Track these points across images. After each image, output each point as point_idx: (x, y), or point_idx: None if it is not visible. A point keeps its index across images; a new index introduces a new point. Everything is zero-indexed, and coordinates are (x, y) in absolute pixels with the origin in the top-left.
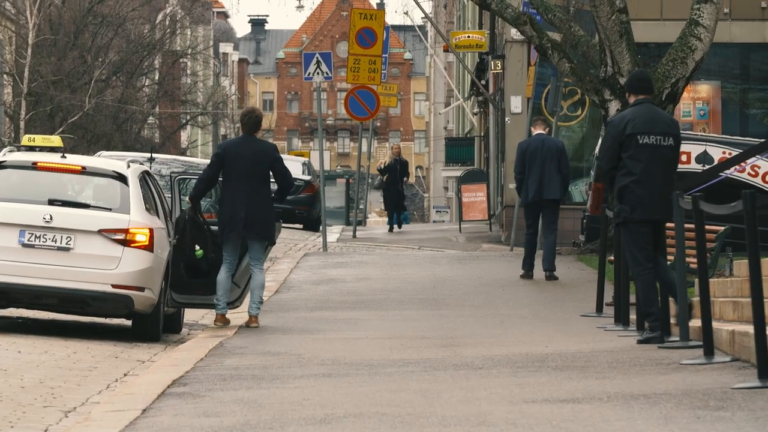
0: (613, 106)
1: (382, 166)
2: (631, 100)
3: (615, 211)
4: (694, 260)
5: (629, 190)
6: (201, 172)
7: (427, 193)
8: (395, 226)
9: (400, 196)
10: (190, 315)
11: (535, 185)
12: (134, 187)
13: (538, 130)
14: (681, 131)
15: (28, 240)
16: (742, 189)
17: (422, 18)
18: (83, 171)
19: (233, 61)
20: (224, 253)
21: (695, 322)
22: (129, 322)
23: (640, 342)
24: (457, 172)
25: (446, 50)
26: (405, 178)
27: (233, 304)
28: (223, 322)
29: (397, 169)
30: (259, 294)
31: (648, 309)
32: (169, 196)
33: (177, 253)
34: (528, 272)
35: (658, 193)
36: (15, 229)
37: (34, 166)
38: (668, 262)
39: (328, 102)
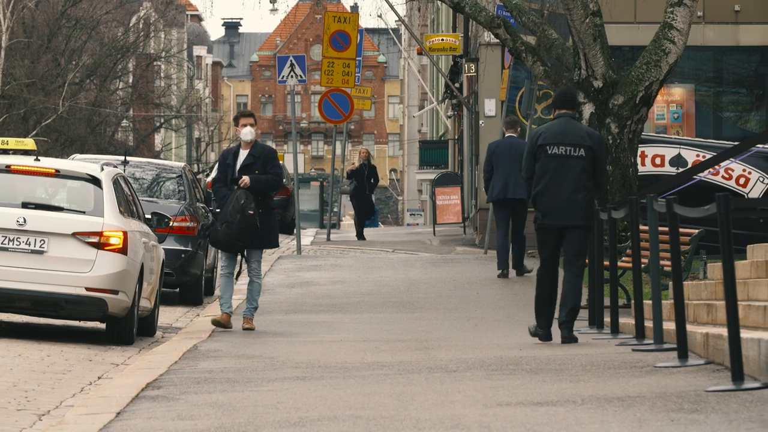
0: (587, 109)
1: (351, 171)
2: (554, 113)
3: (534, 216)
4: (668, 263)
5: (539, 197)
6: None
7: (401, 196)
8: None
9: (367, 204)
10: (165, 318)
11: (500, 185)
12: (108, 190)
13: (509, 133)
14: (599, 144)
15: (2, 243)
16: (715, 192)
17: (396, 21)
18: (57, 174)
19: (207, 64)
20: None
21: (669, 325)
22: (103, 325)
23: (532, 335)
24: (431, 175)
25: (420, 53)
26: (372, 180)
27: None
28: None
29: (364, 173)
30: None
31: (536, 308)
32: None
33: None
34: (503, 272)
35: (563, 200)
36: None
37: (7, 169)
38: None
39: (302, 105)
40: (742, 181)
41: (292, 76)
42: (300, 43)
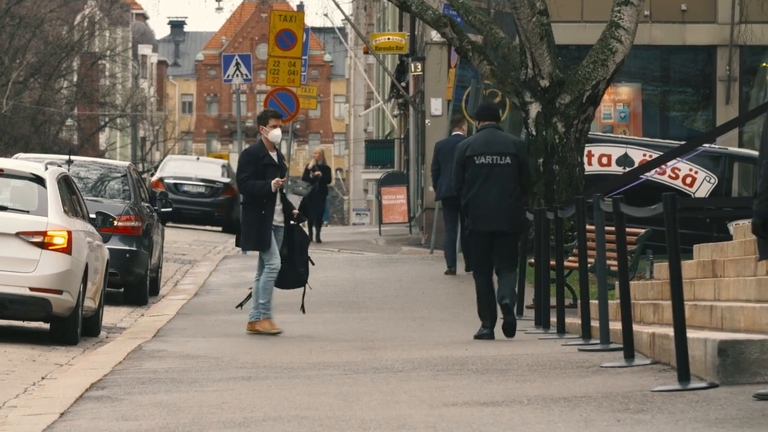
0: (534, 108)
1: (312, 176)
2: (479, 125)
3: (464, 224)
4: (615, 263)
5: (469, 204)
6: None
7: (347, 196)
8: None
9: (321, 206)
10: (109, 318)
11: (447, 183)
12: (52, 190)
13: (455, 131)
14: (524, 151)
15: None
16: (662, 191)
17: (342, 20)
18: (0, 173)
19: (152, 63)
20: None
21: (616, 325)
22: (47, 326)
23: (475, 337)
24: (377, 174)
25: (366, 52)
26: (327, 182)
27: None
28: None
29: (320, 175)
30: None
31: (480, 311)
32: None
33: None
34: (451, 268)
35: (494, 206)
36: None
37: None
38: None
39: (248, 104)
40: (688, 180)
41: (237, 75)
42: (245, 42)
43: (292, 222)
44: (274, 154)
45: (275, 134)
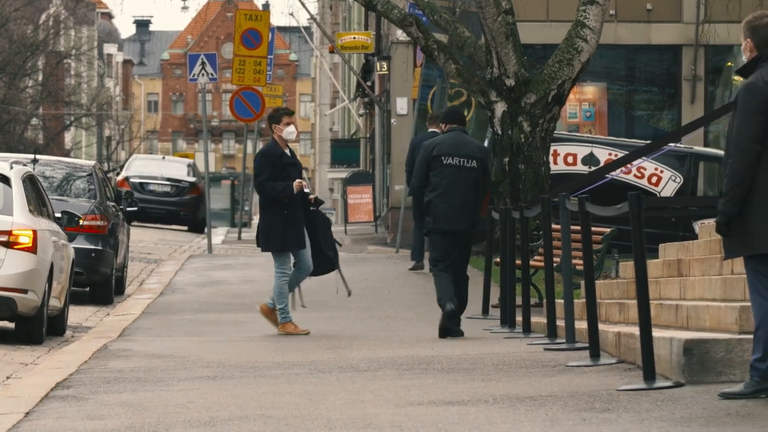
0: (499, 108)
1: None
2: (445, 128)
3: (425, 222)
4: (580, 262)
5: (433, 204)
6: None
7: (313, 195)
8: None
9: None
10: (74, 317)
11: None
12: (18, 189)
13: (431, 128)
14: (488, 157)
15: None
16: (628, 191)
17: (308, 19)
18: None
19: (117, 62)
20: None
21: (581, 324)
22: (12, 325)
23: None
24: (343, 173)
25: (332, 51)
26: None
27: None
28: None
29: None
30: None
31: (440, 302)
32: None
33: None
34: (418, 263)
35: (458, 207)
36: None
37: None
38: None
39: (213, 103)
40: (654, 180)
41: (203, 75)
42: (211, 41)
43: (312, 208)
44: (288, 152)
45: (290, 131)
